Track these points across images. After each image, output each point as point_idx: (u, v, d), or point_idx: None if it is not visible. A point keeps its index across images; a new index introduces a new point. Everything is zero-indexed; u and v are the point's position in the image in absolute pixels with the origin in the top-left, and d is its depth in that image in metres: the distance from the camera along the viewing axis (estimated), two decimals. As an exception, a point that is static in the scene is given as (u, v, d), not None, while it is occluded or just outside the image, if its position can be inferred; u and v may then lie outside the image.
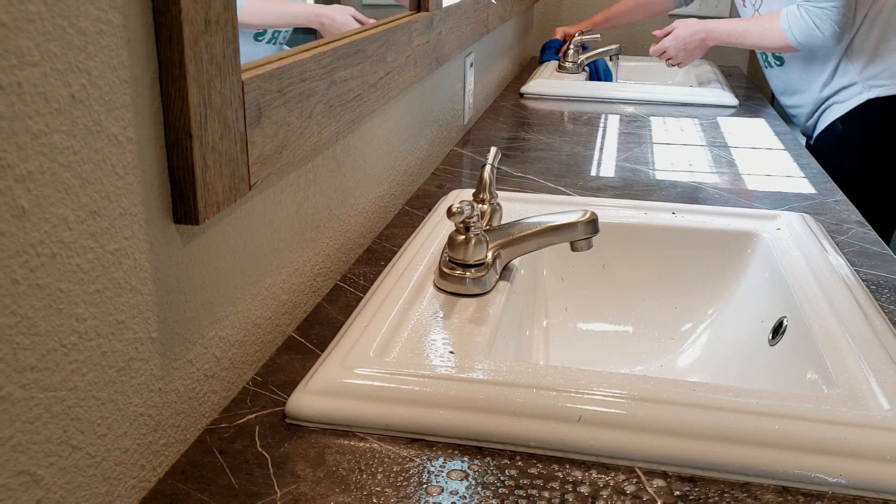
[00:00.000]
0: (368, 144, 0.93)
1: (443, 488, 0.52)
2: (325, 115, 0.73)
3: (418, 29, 1.02)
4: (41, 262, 0.41)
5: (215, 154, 0.53)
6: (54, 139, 0.41)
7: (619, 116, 1.63)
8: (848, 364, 0.64)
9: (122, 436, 0.49)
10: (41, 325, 0.41)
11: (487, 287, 0.75)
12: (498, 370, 0.61)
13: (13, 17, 0.37)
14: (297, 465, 0.54)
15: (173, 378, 0.54)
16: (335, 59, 0.74)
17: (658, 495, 0.52)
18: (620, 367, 0.90)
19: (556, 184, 1.16)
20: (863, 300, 0.75)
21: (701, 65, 2.17)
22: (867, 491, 0.53)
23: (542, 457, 0.55)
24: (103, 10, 0.43)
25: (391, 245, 0.92)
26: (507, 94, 1.83)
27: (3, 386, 0.39)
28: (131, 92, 0.46)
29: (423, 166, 1.20)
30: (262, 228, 0.66)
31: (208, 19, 0.50)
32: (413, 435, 0.57)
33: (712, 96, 1.76)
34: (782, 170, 1.27)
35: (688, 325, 0.94)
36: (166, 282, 0.52)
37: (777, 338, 0.80)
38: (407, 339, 0.66)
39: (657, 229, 0.96)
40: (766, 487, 0.53)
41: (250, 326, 0.65)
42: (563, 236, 0.76)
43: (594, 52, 2.10)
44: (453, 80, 1.35)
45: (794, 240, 0.90)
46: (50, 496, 0.43)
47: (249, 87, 0.57)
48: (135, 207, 0.48)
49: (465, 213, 0.71)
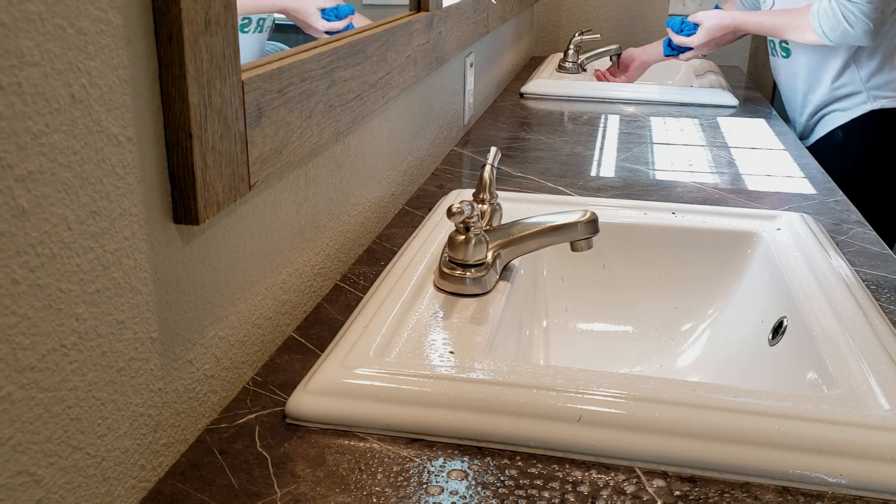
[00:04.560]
0: (368, 144, 0.93)
1: (443, 488, 0.52)
2: (325, 115, 0.73)
3: (418, 29, 1.02)
4: (41, 262, 0.41)
5: (215, 154, 0.53)
6: (54, 139, 0.41)
7: (619, 116, 1.63)
8: (848, 364, 0.64)
9: (122, 436, 0.49)
10: (41, 325, 0.41)
11: (487, 287, 0.75)
12: (498, 370, 0.61)
13: (13, 17, 0.37)
14: (297, 465, 0.54)
15: (173, 378, 0.54)
16: (335, 59, 0.74)
17: (658, 495, 0.52)
18: (620, 367, 0.90)
19: (556, 184, 1.16)
20: (863, 300, 0.75)
21: (701, 65, 2.17)
22: (867, 491, 0.53)
23: (542, 457, 0.55)
24: (103, 10, 0.43)
25: (391, 245, 0.92)
26: (507, 94, 1.83)
27: (3, 386, 0.39)
28: (131, 92, 0.46)
29: (423, 166, 1.20)
30: (262, 228, 0.66)
31: (208, 19, 0.50)
32: (413, 435, 0.57)
33: (712, 96, 1.76)
34: (782, 170, 1.27)
35: (688, 325, 0.94)
36: (166, 282, 0.52)
37: (777, 338, 0.80)
38: (407, 339, 0.66)
39: (657, 229, 0.96)
40: (766, 487, 0.53)
41: (250, 326, 0.65)
42: (563, 236, 0.76)
43: (594, 52, 2.10)
44: (453, 80, 1.35)
45: (794, 240, 0.90)
46: (50, 496, 0.43)
47: (249, 87, 0.57)
48: (135, 207, 0.48)
49: (465, 213, 0.71)
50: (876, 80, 1.60)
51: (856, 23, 1.49)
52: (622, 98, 1.77)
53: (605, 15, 2.57)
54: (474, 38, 1.40)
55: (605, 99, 1.77)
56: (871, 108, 1.60)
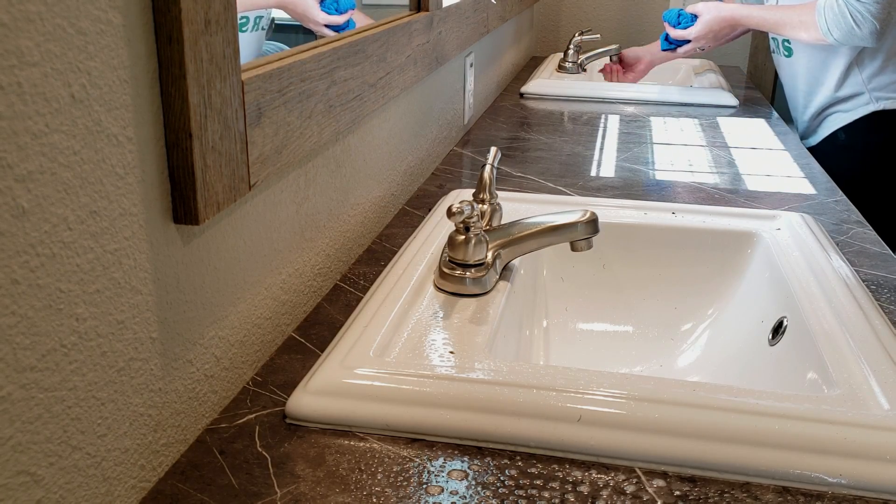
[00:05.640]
0: (368, 144, 0.93)
1: (443, 488, 0.52)
2: (324, 115, 0.73)
3: (418, 29, 1.02)
4: (41, 262, 0.41)
5: (215, 154, 0.53)
6: (54, 139, 0.41)
7: (619, 116, 1.63)
8: (848, 364, 0.64)
9: (122, 436, 0.49)
10: (41, 325, 0.41)
11: (487, 287, 0.75)
12: (498, 370, 0.61)
13: (13, 17, 0.37)
14: (297, 465, 0.54)
15: (173, 378, 0.54)
16: (335, 59, 0.74)
17: (658, 495, 0.52)
18: (620, 367, 0.90)
19: (556, 184, 1.16)
20: (863, 300, 0.75)
21: (701, 64, 2.16)
22: (867, 491, 0.53)
23: (542, 457, 0.55)
24: (103, 10, 0.43)
25: (391, 245, 0.92)
26: (507, 94, 1.83)
27: (3, 386, 0.39)
28: (131, 92, 0.46)
29: (423, 166, 1.20)
30: (262, 228, 0.66)
31: (208, 19, 0.50)
32: (413, 435, 0.57)
33: (712, 96, 1.76)
34: (782, 170, 1.27)
35: (688, 325, 0.94)
36: (166, 282, 0.52)
37: (777, 338, 0.80)
38: (407, 339, 0.66)
39: (657, 229, 0.96)
40: (766, 487, 0.53)
41: (250, 326, 0.65)
42: (563, 236, 0.76)
43: (594, 52, 2.10)
44: (453, 80, 1.35)
45: (794, 240, 0.90)
46: (50, 496, 0.43)
47: (249, 87, 0.57)
48: (135, 207, 0.48)
49: (465, 213, 0.71)
50: (878, 81, 1.59)
51: (863, 22, 1.47)
52: (622, 98, 1.77)
53: (605, 15, 2.57)
54: (474, 38, 1.40)
55: (605, 99, 1.77)
56: (874, 110, 1.59)
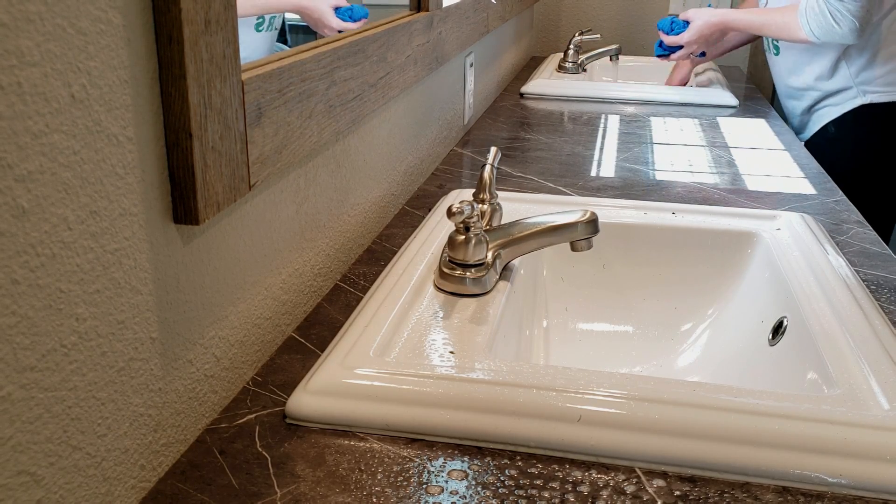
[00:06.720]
0: (368, 144, 0.93)
1: (443, 488, 0.52)
2: (325, 115, 0.73)
3: (418, 29, 1.02)
4: (41, 262, 0.41)
5: (215, 154, 0.53)
6: (54, 139, 0.41)
7: (619, 116, 1.63)
8: (848, 364, 0.64)
9: (122, 436, 0.49)
10: (41, 325, 0.41)
11: (487, 287, 0.75)
12: (498, 370, 0.61)
13: (13, 17, 0.37)
14: (297, 465, 0.54)
15: (173, 378, 0.54)
16: (335, 59, 0.74)
17: (658, 495, 0.52)
18: (620, 367, 0.90)
19: (556, 184, 1.16)
20: (863, 300, 0.75)
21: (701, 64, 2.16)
22: (867, 491, 0.53)
23: (542, 457, 0.55)
24: (103, 10, 0.43)
25: (391, 245, 0.92)
26: (507, 94, 1.83)
27: (3, 386, 0.39)
28: (131, 92, 0.46)
29: (423, 166, 1.20)
30: (262, 228, 0.66)
31: (208, 19, 0.50)
32: (413, 435, 0.57)
33: (712, 96, 1.76)
34: (782, 170, 1.27)
35: (688, 325, 0.94)
36: (166, 282, 0.52)
37: (777, 338, 0.80)
38: (407, 339, 0.66)
39: (657, 229, 0.96)
40: (766, 487, 0.53)
41: (250, 326, 0.65)
42: (563, 236, 0.76)
43: (594, 52, 2.10)
44: (453, 80, 1.35)
45: (794, 240, 0.90)
46: (50, 496, 0.43)
47: (249, 87, 0.57)
48: (135, 207, 0.48)
49: (465, 213, 0.71)
50: (865, 75, 1.62)
51: (842, 20, 1.51)
52: (622, 98, 1.77)
53: (605, 15, 2.57)
54: (474, 38, 1.40)
55: (605, 99, 1.77)
56: (862, 103, 1.62)
